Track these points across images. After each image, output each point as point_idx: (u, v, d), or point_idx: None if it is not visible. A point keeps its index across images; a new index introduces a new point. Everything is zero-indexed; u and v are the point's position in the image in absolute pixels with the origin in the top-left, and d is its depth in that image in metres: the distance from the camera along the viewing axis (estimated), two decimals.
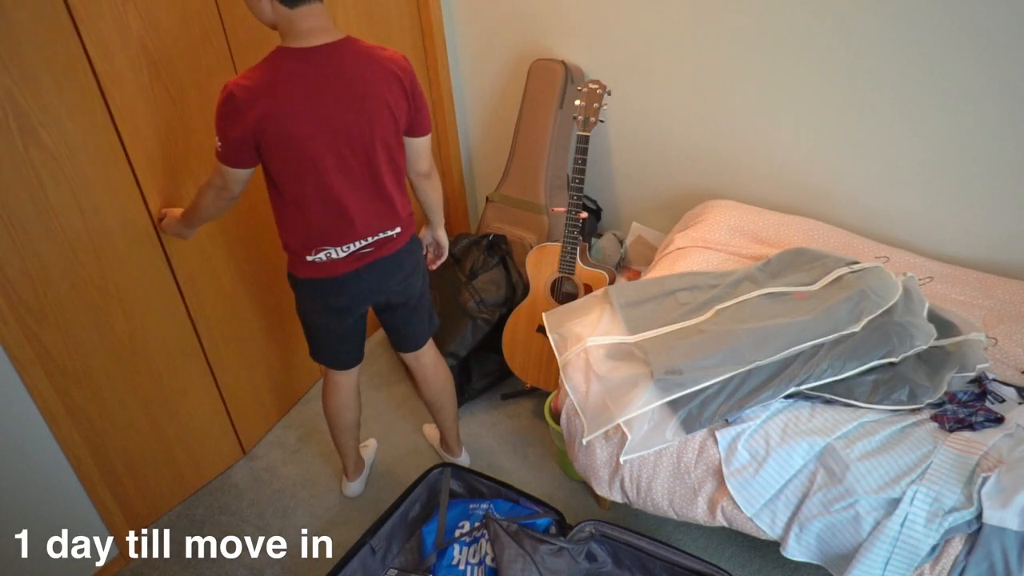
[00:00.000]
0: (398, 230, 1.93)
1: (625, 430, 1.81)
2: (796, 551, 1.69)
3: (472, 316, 2.65)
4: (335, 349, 2.09)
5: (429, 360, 2.25)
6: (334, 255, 1.85)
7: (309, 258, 1.85)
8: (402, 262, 1.97)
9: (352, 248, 1.86)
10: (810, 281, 2.07)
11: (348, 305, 1.96)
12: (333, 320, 1.99)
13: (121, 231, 2.00)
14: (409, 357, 2.23)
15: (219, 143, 1.70)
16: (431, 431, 2.59)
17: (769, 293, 2.04)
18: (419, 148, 1.94)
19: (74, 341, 1.98)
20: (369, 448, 2.56)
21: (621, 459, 1.82)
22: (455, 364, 2.60)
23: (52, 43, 1.73)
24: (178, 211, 2.00)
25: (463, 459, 2.49)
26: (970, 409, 1.73)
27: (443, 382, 2.30)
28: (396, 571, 1.90)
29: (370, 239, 1.88)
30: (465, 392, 2.71)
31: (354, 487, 2.43)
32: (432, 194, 2.09)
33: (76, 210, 1.88)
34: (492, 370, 2.77)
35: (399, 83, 1.81)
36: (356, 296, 1.95)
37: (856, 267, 2.07)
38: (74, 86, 1.80)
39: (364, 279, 1.92)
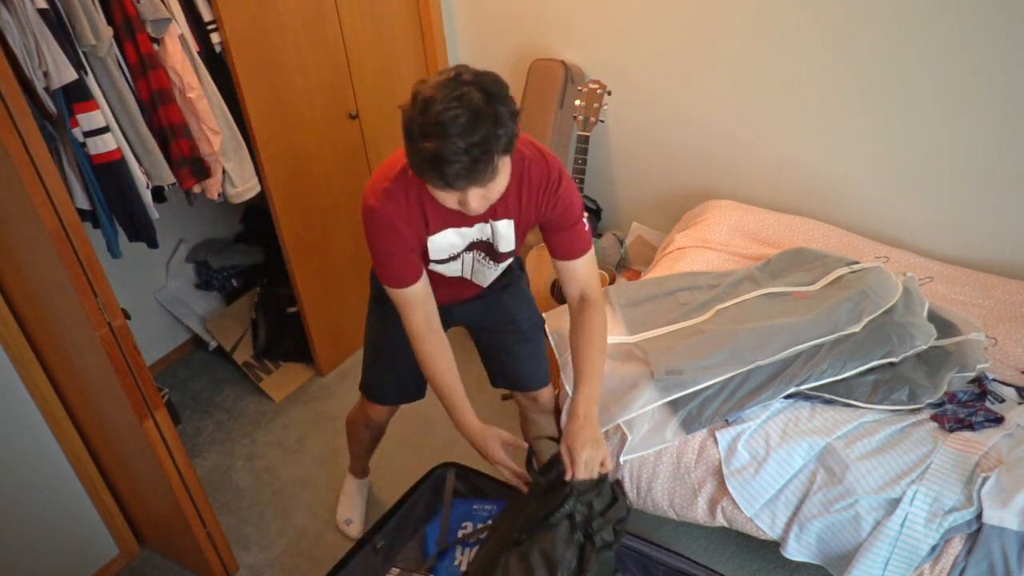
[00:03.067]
0: None
1: (625, 430, 1.81)
2: (796, 551, 1.69)
3: None
4: None
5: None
6: None
7: None
8: None
9: None
10: (810, 281, 2.07)
11: None
12: None
13: None
14: None
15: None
16: None
17: (769, 293, 2.04)
18: None
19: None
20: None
21: (621, 459, 1.82)
22: None
23: None
24: None
25: None
26: (970, 409, 1.73)
27: None
28: (398, 570, 1.90)
29: None
30: None
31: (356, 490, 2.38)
32: None
33: None
34: None
35: None
36: None
37: (856, 267, 2.07)
38: None
39: None
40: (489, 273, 1.73)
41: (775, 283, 2.09)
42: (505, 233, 1.57)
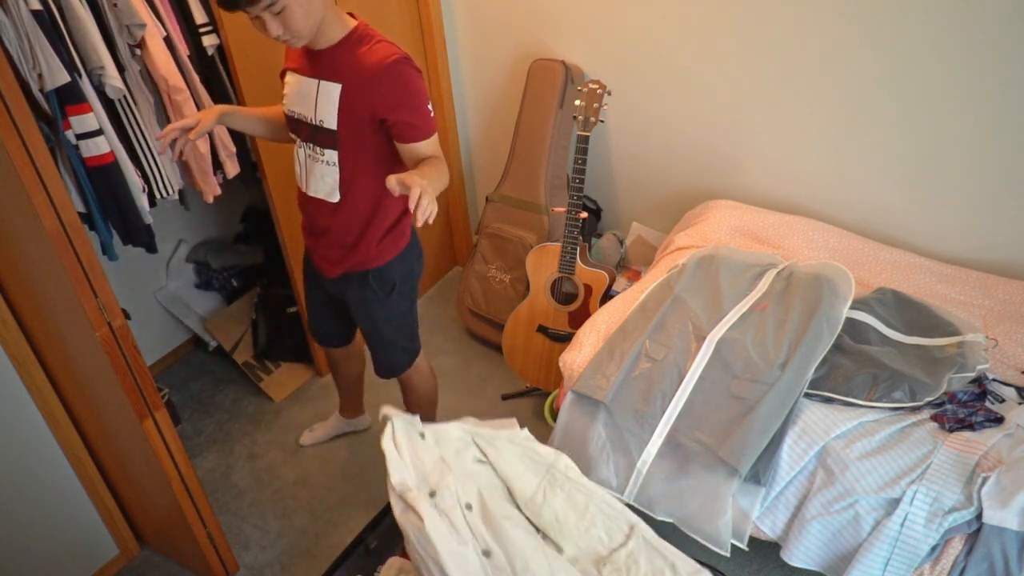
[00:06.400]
0: None
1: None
2: (797, 556, 1.69)
3: None
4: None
5: None
6: None
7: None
8: None
9: None
10: (746, 288, 2.06)
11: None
12: None
13: None
14: None
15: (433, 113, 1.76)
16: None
17: (740, 316, 1.98)
18: None
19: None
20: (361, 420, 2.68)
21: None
22: None
23: None
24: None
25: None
26: (970, 409, 1.73)
27: None
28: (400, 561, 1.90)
29: None
30: None
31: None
32: None
33: None
34: None
35: None
36: None
37: (782, 266, 2.11)
38: None
39: None
40: (318, 171, 1.83)
41: (717, 308, 2.02)
42: (329, 99, 1.73)
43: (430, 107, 1.74)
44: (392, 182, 1.47)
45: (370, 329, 2.07)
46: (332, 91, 1.73)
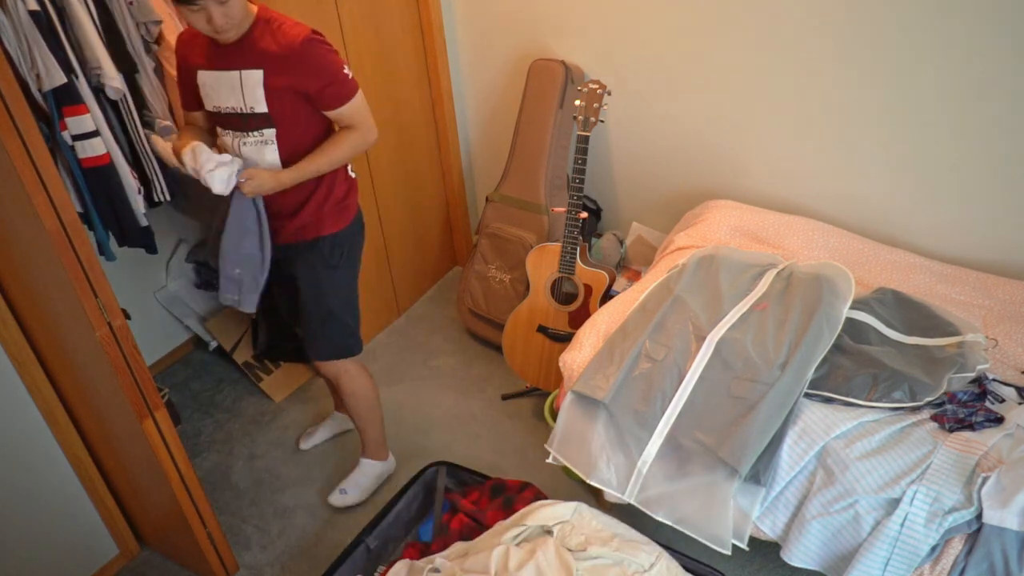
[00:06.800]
0: None
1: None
2: (797, 556, 1.69)
3: None
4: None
5: None
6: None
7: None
8: None
9: None
10: (746, 288, 2.06)
11: None
12: None
13: None
14: None
15: (351, 75, 1.87)
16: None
17: (740, 317, 1.98)
18: None
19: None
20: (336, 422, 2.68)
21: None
22: None
23: None
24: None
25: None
26: (970, 409, 1.72)
27: None
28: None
29: None
30: None
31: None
32: None
33: None
34: None
35: None
36: None
37: (782, 266, 2.11)
38: None
39: None
40: (257, 152, 1.89)
41: (715, 308, 2.01)
42: (254, 85, 1.80)
43: (347, 71, 1.85)
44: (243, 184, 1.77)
45: (315, 302, 2.09)
46: (255, 77, 1.80)
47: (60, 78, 1.85)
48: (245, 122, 1.85)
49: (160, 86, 2.12)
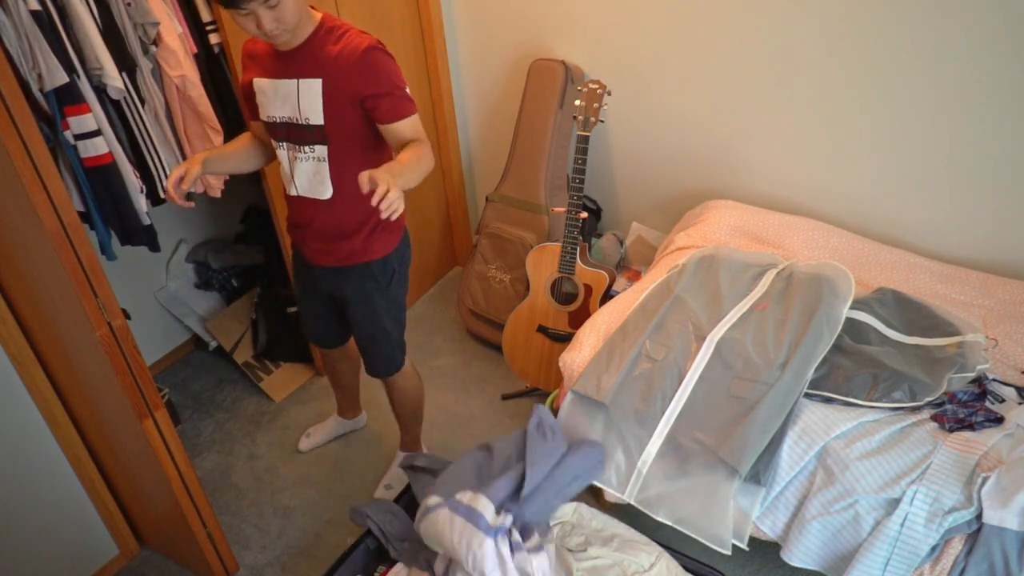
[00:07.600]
0: None
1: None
2: (797, 556, 1.69)
3: None
4: None
5: None
6: None
7: None
8: None
9: None
10: (746, 288, 2.06)
11: None
12: None
13: None
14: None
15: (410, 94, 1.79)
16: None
17: (741, 317, 1.98)
18: None
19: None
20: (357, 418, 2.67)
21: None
22: None
23: None
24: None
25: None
26: (970, 409, 1.73)
27: None
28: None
29: None
30: None
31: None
32: None
33: None
34: None
35: None
36: None
37: (782, 266, 2.11)
38: None
39: None
40: (308, 169, 1.84)
41: (716, 307, 2.02)
42: (312, 96, 1.74)
43: (407, 89, 1.78)
44: (363, 178, 1.49)
45: (369, 323, 2.06)
46: (314, 87, 1.73)
47: (62, 78, 1.85)
48: (299, 134, 1.79)
49: (157, 88, 2.12)
